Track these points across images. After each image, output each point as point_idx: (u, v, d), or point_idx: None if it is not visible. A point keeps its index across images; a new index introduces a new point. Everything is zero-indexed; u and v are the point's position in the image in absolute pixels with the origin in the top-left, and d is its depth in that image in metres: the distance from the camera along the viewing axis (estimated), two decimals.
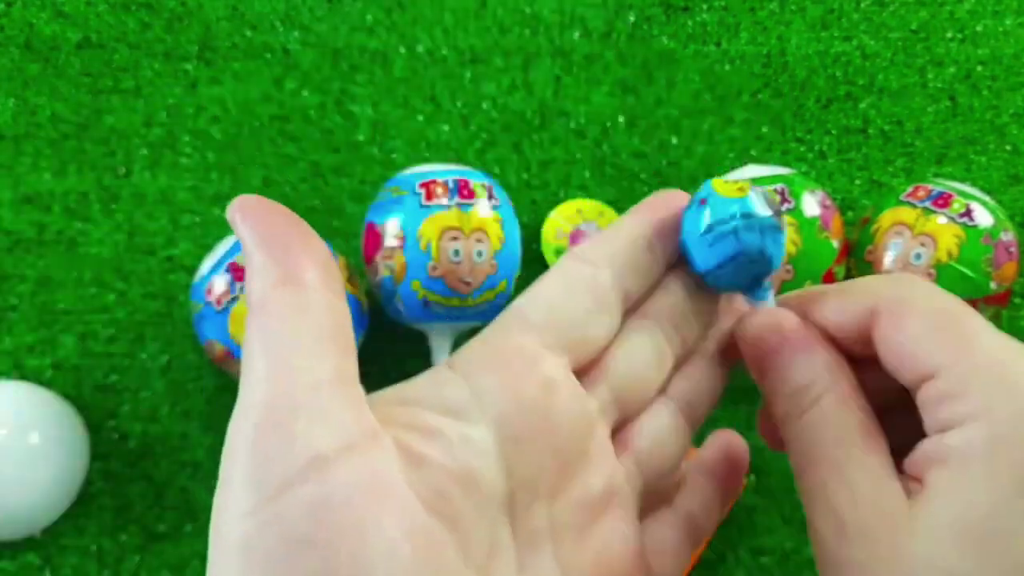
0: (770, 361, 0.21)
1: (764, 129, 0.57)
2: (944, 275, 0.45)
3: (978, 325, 0.19)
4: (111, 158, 0.55)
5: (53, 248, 0.53)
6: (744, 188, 0.22)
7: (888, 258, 0.46)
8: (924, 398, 0.19)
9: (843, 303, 0.21)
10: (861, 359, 0.21)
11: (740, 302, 0.24)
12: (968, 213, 0.45)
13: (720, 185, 0.22)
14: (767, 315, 0.22)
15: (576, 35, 0.58)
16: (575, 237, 0.52)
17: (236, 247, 0.45)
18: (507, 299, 0.47)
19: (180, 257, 0.53)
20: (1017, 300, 0.53)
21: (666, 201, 0.23)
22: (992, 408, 0.17)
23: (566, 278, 0.22)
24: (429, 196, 0.46)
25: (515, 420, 0.19)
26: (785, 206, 0.45)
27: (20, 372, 0.50)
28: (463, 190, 0.46)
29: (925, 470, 0.18)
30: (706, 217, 0.22)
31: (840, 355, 0.21)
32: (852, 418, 0.20)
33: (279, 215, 0.20)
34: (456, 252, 0.45)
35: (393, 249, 0.45)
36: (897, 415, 0.21)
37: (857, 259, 0.48)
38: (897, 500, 0.18)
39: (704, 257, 0.22)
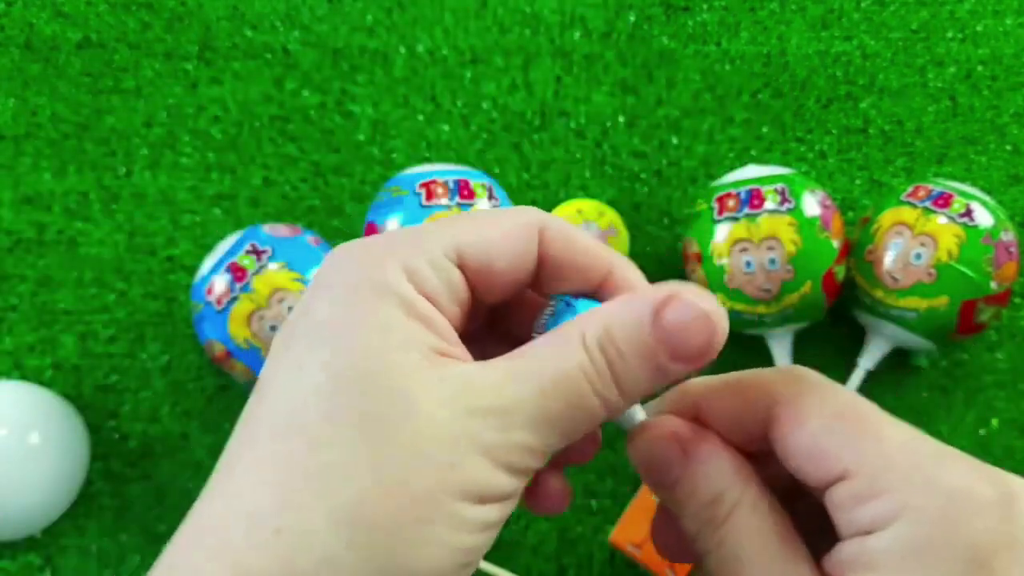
0: (673, 475, 0.20)
1: (764, 129, 0.57)
2: (944, 275, 0.45)
3: (881, 419, 0.19)
4: (111, 158, 0.55)
5: (53, 248, 0.53)
6: None
7: (888, 258, 0.46)
8: (835, 500, 0.18)
9: (736, 404, 0.20)
10: (754, 454, 0.21)
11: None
12: (968, 213, 0.45)
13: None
14: (658, 428, 0.21)
15: (576, 35, 0.58)
16: None
17: (236, 247, 0.45)
18: None
19: (180, 257, 0.53)
20: (1017, 300, 0.53)
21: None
22: (912, 507, 0.17)
23: None
24: (429, 196, 0.46)
25: None
26: (786, 206, 0.45)
27: (20, 372, 0.50)
28: (463, 190, 0.46)
29: (851, 574, 0.17)
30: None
31: (741, 457, 0.20)
32: (768, 525, 0.19)
33: None
34: None
35: None
36: (797, 500, 0.20)
37: (857, 259, 0.48)
38: None
39: None
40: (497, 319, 0.24)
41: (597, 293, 0.21)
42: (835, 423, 0.18)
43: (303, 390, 0.17)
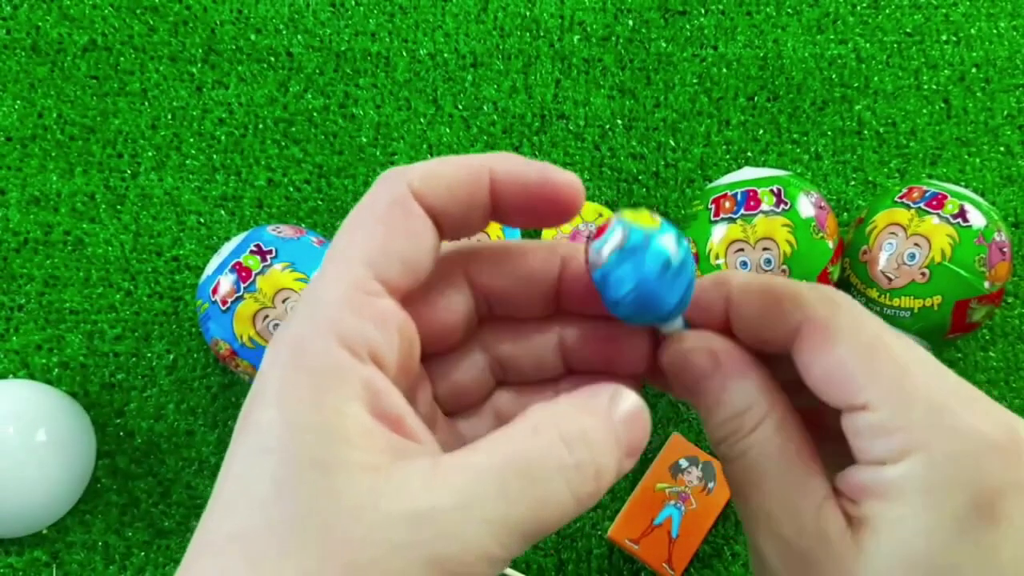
0: (703, 386, 0.21)
1: (760, 131, 0.57)
2: (938, 275, 0.45)
3: (911, 356, 0.18)
4: (118, 160, 0.55)
5: (60, 248, 0.53)
6: (656, 218, 0.20)
7: (883, 258, 0.47)
8: (855, 426, 0.18)
9: (768, 308, 0.20)
10: (775, 356, 0.21)
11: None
12: (962, 214, 0.46)
13: (630, 214, 0.21)
14: (695, 339, 0.21)
15: (576, 39, 0.59)
16: (574, 238, 0.53)
17: (241, 247, 0.46)
18: None
19: (186, 257, 0.53)
20: (1010, 299, 0.54)
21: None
22: (929, 446, 0.17)
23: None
24: None
25: None
26: (781, 207, 0.46)
27: (28, 371, 0.51)
28: None
29: (863, 499, 0.18)
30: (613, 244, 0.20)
31: (771, 375, 0.21)
32: (791, 443, 0.20)
33: None
34: None
35: None
36: (814, 415, 0.21)
37: (852, 259, 0.49)
38: (840, 528, 0.18)
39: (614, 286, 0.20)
40: (499, 375, 0.23)
41: (495, 209, 0.21)
42: (862, 352, 0.18)
43: (246, 508, 0.16)
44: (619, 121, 0.57)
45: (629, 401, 0.19)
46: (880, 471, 0.18)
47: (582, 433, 0.18)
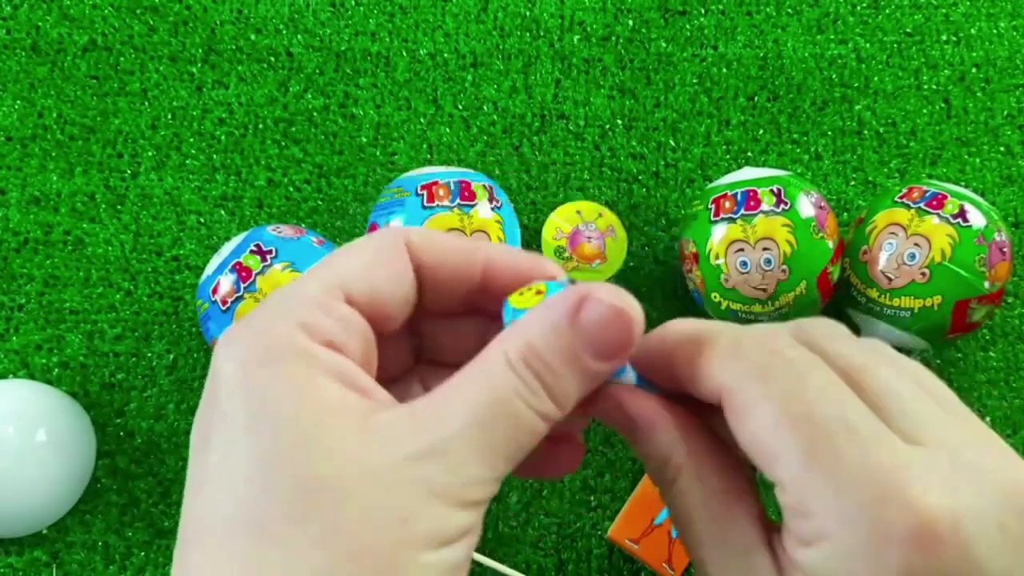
0: (629, 440, 0.21)
1: (760, 131, 0.57)
2: (938, 275, 0.45)
3: (829, 422, 0.17)
4: (118, 160, 0.55)
5: (60, 248, 0.53)
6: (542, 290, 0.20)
7: (883, 258, 0.47)
8: (779, 499, 0.18)
9: (699, 383, 0.20)
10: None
11: None
12: (962, 214, 0.46)
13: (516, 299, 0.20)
14: (608, 398, 0.21)
15: (576, 39, 0.59)
16: (574, 238, 0.53)
17: (241, 247, 0.46)
18: None
19: (186, 257, 0.53)
20: (1010, 299, 0.54)
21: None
22: (837, 538, 0.17)
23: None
24: (431, 198, 0.47)
25: None
26: (781, 207, 0.46)
27: (27, 370, 0.51)
28: (464, 192, 0.47)
29: (790, 555, 0.18)
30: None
31: (690, 415, 0.21)
32: (710, 487, 0.20)
33: None
34: None
35: None
36: None
37: (852, 259, 0.49)
38: (764, 572, 0.18)
39: None
40: (427, 353, 0.24)
41: (482, 287, 0.21)
42: (777, 427, 0.18)
43: (238, 485, 0.17)
44: (619, 121, 0.57)
45: (596, 307, 0.18)
46: (799, 550, 0.18)
47: (529, 352, 0.18)
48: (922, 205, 0.47)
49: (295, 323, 0.18)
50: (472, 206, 0.47)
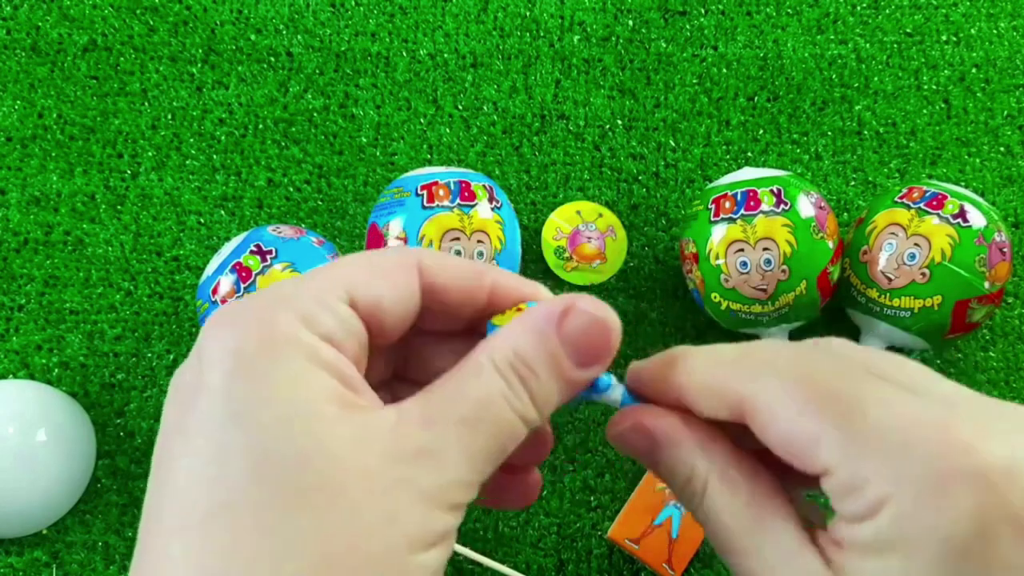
0: (649, 461, 0.21)
1: (760, 131, 0.57)
2: (938, 275, 0.45)
3: (857, 391, 0.18)
4: (118, 160, 0.55)
5: (60, 248, 0.53)
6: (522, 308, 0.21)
7: (883, 258, 0.47)
8: (826, 489, 0.18)
9: (705, 399, 0.20)
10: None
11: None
12: (962, 214, 0.46)
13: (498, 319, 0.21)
14: (625, 418, 0.21)
15: (576, 39, 0.59)
16: (574, 238, 0.53)
17: (241, 248, 0.46)
18: None
19: (186, 257, 0.53)
20: (1010, 299, 0.54)
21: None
22: (896, 498, 0.17)
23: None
24: (431, 198, 0.47)
25: None
26: (781, 207, 0.46)
27: (28, 371, 0.51)
28: (464, 192, 0.47)
29: (845, 554, 0.18)
30: None
31: (709, 427, 0.21)
32: (740, 496, 0.20)
33: None
34: (458, 253, 0.46)
35: None
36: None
37: (852, 259, 0.49)
38: (813, 574, 0.18)
39: None
40: (400, 370, 0.24)
41: (487, 310, 0.22)
42: (806, 414, 0.18)
43: (218, 473, 0.16)
44: (619, 121, 0.57)
45: (579, 317, 0.19)
46: (856, 529, 0.17)
47: (514, 357, 0.19)
48: (922, 205, 0.47)
49: (297, 314, 0.18)
50: (472, 206, 0.47)
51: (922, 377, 0.19)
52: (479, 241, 0.46)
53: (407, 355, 0.23)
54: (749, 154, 0.57)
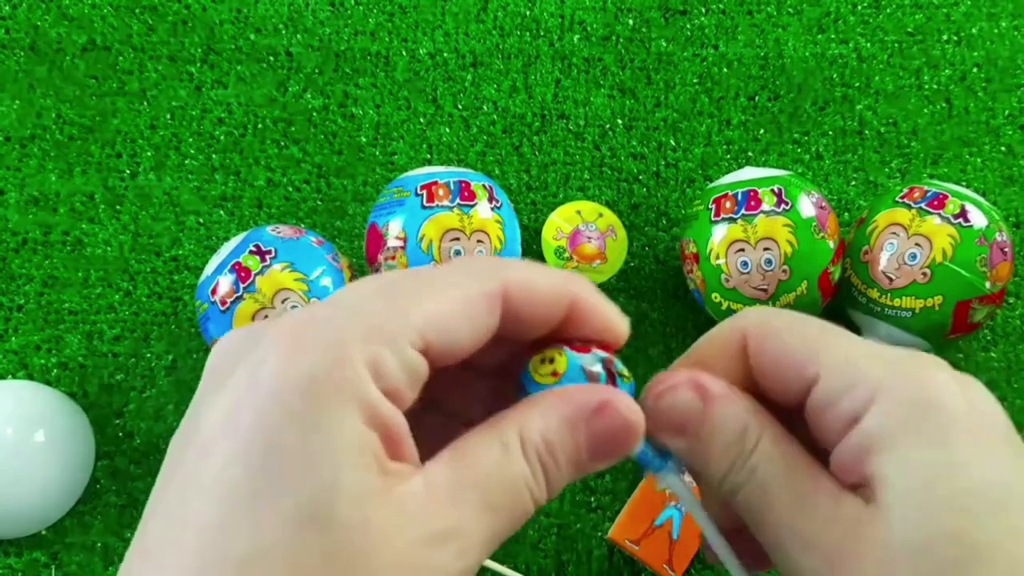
0: (697, 419, 0.21)
1: (761, 131, 0.57)
2: (939, 275, 0.45)
3: (841, 331, 0.21)
4: (117, 160, 0.55)
5: (59, 249, 0.53)
6: (557, 371, 0.20)
7: (884, 258, 0.47)
8: (818, 402, 0.20)
9: (716, 343, 0.22)
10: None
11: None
12: (963, 214, 0.46)
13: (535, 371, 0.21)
14: (675, 376, 0.22)
15: (576, 38, 0.59)
16: (574, 238, 0.53)
17: (240, 248, 0.46)
18: None
19: (185, 257, 0.53)
20: (1011, 299, 0.54)
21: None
22: (891, 388, 0.18)
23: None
24: (431, 198, 0.46)
25: None
26: (782, 207, 0.46)
27: (26, 371, 0.51)
28: (464, 191, 0.47)
29: (861, 464, 0.19)
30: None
31: (752, 396, 0.22)
32: (793, 450, 0.21)
33: None
34: (457, 253, 0.46)
35: (395, 250, 0.46)
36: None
37: (853, 259, 0.49)
38: (859, 507, 0.19)
39: None
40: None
41: (562, 324, 0.21)
42: (802, 334, 0.21)
43: (253, 518, 0.16)
44: (619, 121, 0.57)
45: (612, 418, 0.19)
46: (860, 429, 0.19)
47: (543, 446, 0.19)
48: (923, 205, 0.47)
49: (368, 356, 0.17)
50: (472, 206, 0.47)
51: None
52: (479, 241, 0.46)
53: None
54: (750, 154, 0.57)
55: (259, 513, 0.16)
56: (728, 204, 0.47)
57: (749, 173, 0.48)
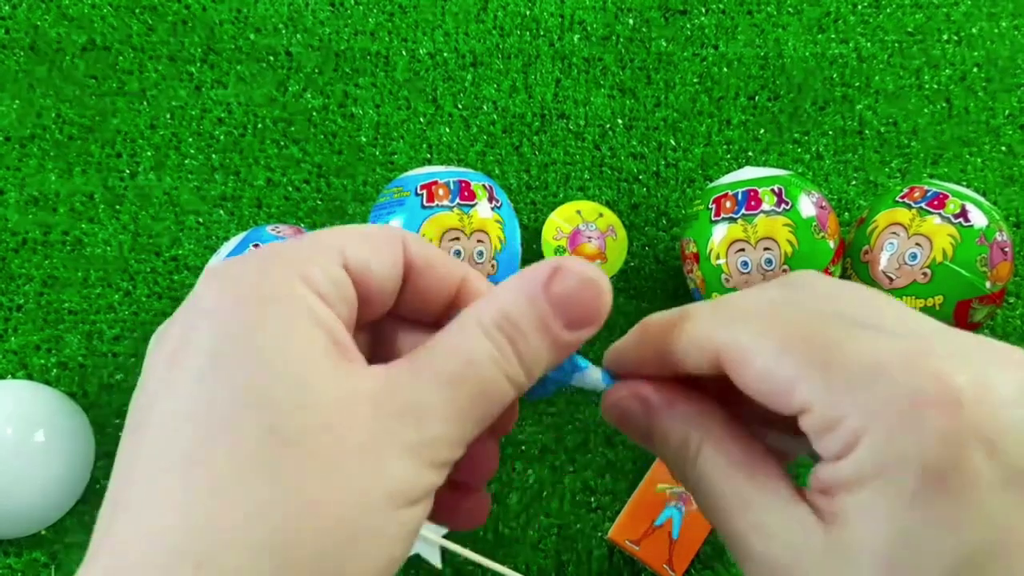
0: (643, 431, 0.22)
1: (761, 131, 0.57)
2: (939, 275, 0.45)
3: (830, 331, 0.18)
4: (116, 160, 0.55)
5: (59, 248, 0.53)
6: None
7: (884, 258, 0.47)
8: (804, 428, 0.18)
9: (688, 354, 0.20)
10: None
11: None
12: (963, 214, 0.46)
13: None
14: (620, 389, 0.22)
15: (576, 38, 0.59)
16: (574, 237, 0.53)
17: (240, 247, 0.46)
18: None
19: (185, 257, 0.53)
20: (1012, 299, 0.54)
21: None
22: (871, 429, 0.17)
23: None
24: (431, 198, 0.46)
25: None
26: (782, 207, 0.46)
27: (26, 371, 0.51)
28: (464, 191, 0.47)
29: (832, 495, 0.18)
30: None
31: (702, 396, 0.21)
32: (734, 457, 0.20)
33: None
34: (457, 253, 0.46)
35: None
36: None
37: (853, 259, 0.49)
38: (810, 529, 0.18)
39: None
40: (371, 356, 0.24)
41: (454, 304, 0.22)
42: (782, 355, 0.18)
43: (204, 410, 0.16)
44: (619, 121, 0.57)
45: (568, 278, 0.19)
46: (838, 466, 0.18)
47: (502, 319, 0.19)
48: (923, 205, 0.47)
49: (294, 270, 0.18)
50: (472, 206, 0.47)
51: (896, 316, 0.19)
52: (479, 241, 0.46)
53: (380, 340, 0.23)
54: (750, 153, 0.57)
55: (208, 408, 0.16)
56: (728, 204, 0.47)
57: (749, 173, 0.48)
